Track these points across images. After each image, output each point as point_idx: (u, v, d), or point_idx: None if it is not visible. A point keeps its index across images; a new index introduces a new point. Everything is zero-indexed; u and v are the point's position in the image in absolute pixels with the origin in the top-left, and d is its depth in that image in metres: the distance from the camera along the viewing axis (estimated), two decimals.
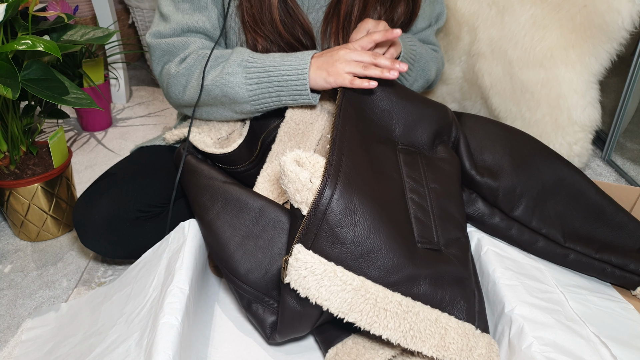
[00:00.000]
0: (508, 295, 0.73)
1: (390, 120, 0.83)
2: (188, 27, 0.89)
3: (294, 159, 0.67)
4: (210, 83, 0.85)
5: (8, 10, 0.85)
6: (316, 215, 0.64)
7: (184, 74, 0.88)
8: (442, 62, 1.14)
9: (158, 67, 0.92)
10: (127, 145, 1.50)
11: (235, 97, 0.84)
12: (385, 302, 0.64)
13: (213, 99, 0.86)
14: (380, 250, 0.65)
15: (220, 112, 0.89)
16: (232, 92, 0.84)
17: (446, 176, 0.82)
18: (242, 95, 0.84)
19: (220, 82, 0.84)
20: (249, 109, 0.86)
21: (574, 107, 1.07)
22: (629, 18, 0.97)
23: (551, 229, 0.84)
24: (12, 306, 0.92)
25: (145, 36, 0.92)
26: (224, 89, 0.84)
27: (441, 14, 1.09)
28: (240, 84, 0.83)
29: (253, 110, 0.87)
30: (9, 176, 1.02)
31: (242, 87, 0.83)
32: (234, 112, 0.88)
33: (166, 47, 0.89)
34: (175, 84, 0.89)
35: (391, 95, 0.84)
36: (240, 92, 0.83)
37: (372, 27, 0.87)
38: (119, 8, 2.02)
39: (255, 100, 0.84)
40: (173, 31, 0.89)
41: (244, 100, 0.84)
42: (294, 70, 0.81)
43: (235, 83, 0.83)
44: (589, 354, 0.66)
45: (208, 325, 0.82)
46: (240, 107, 0.86)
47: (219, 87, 0.84)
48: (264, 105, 0.85)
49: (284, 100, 0.84)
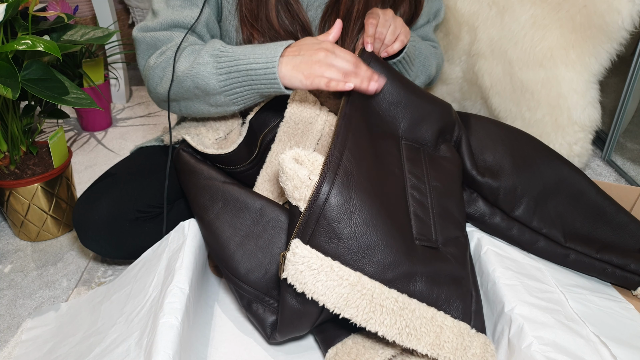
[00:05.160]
0: (508, 295, 0.73)
1: (396, 114, 0.83)
2: (176, 22, 0.87)
3: (293, 157, 0.67)
4: (182, 74, 0.82)
5: (8, 10, 0.85)
6: (314, 210, 0.64)
7: (161, 66, 0.85)
8: (442, 57, 1.14)
9: (142, 62, 0.90)
10: (127, 145, 1.50)
11: (206, 88, 0.81)
12: (381, 298, 0.64)
13: (186, 91, 0.83)
14: (377, 246, 0.66)
15: (197, 106, 0.86)
16: (203, 82, 0.81)
17: (448, 175, 0.82)
18: (213, 86, 0.80)
19: (191, 72, 0.81)
20: (223, 100, 0.82)
21: (574, 107, 1.07)
22: (629, 18, 0.97)
23: (552, 229, 0.84)
24: (12, 306, 0.92)
25: (133, 30, 0.90)
26: (195, 79, 0.81)
27: (439, 10, 1.09)
28: (210, 74, 0.80)
29: (229, 102, 0.83)
30: (9, 176, 1.02)
31: (212, 78, 0.80)
32: (210, 105, 0.85)
33: (151, 40, 0.87)
34: (153, 76, 0.87)
35: (399, 89, 0.83)
36: (211, 83, 0.80)
37: (381, 14, 0.86)
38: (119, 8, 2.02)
39: (227, 90, 0.81)
40: (160, 25, 0.88)
41: (215, 91, 0.81)
42: (263, 58, 0.77)
43: (205, 73, 0.80)
44: (589, 354, 0.66)
45: (208, 325, 0.82)
46: (214, 99, 0.83)
47: (189, 77, 0.81)
48: (237, 95, 0.81)
49: (257, 90, 0.80)
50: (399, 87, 0.83)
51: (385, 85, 0.81)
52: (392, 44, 0.87)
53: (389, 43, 0.86)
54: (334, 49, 0.77)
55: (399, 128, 0.83)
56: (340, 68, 0.75)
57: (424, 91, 0.87)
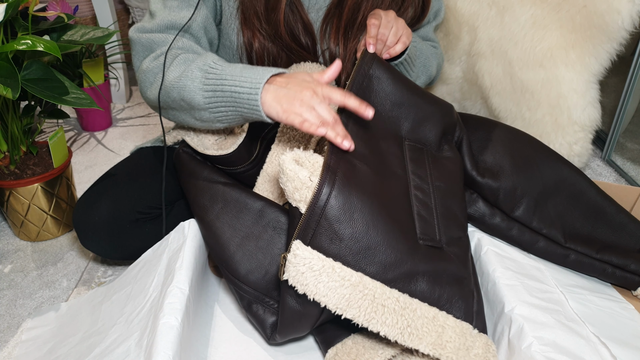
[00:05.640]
0: (508, 295, 0.73)
1: (399, 115, 0.83)
2: (172, 23, 0.86)
3: (293, 158, 0.67)
4: (170, 84, 0.80)
5: (8, 10, 0.85)
6: (315, 211, 0.64)
7: (153, 71, 0.84)
8: (442, 57, 1.14)
9: (137, 63, 0.89)
10: (127, 145, 1.50)
11: (192, 102, 0.79)
12: (383, 298, 0.64)
13: (173, 101, 0.82)
14: (378, 246, 0.66)
15: (183, 117, 0.84)
16: (189, 96, 0.79)
17: (451, 175, 0.82)
18: (198, 101, 0.79)
19: (179, 84, 0.79)
20: (207, 116, 0.80)
21: (574, 107, 1.07)
22: (629, 18, 0.97)
23: (552, 229, 0.84)
24: (12, 306, 0.92)
25: (129, 31, 0.90)
26: (181, 91, 0.79)
27: (439, 10, 1.09)
28: (197, 89, 0.78)
29: (213, 119, 0.80)
30: (9, 176, 1.02)
31: (198, 93, 0.78)
32: (195, 120, 0.83)
33: (146, 42, 0.86)
34: (144, 80, 0.86)
35: (402, 89, 0.83)
36: (196, 98, 0.78)
37: (383, 15, 0.86)
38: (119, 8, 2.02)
39: (212, 108, 0.79)
40: (156, 27, 0.87)
41: (200, 107, 0.79)
42: (248, 83, 0.75)
43: (192, 87, 0.78)
44: (588, 354, 0.66)
45: (208, 325, 0.82)
46: (200, 114, 0.80)
47: (176, 89, 0.80)
48: (221, 114, 0.79)
49: (239, 112, 0.77)
50: (401, 88, 0.83)
51: (388, 86, 0.82)
52: (394, 45, 0.87)
53: (391, 44, 0.86)
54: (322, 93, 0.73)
55: (401, 129, 0.83)
56: (320, 115, 0.72)
57: (426, 92, 0.87)
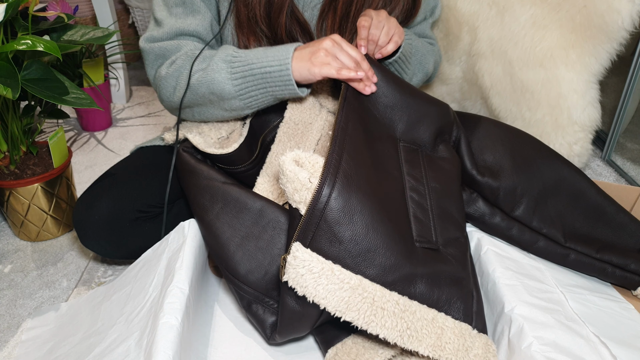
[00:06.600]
0: (508, 295, 0.73)
1: (392, 117, 0.83)
2: (181, 30, 0.89)
3: (293, 158, 0.67)
4: (197, 81, 0.83)
5: (8, 10, 0.85)
6: (314, 213, 0.64)
7: (173, 75, 0.87)
8: (440, 54, 1.14)
9: (152, 72, 0.92)
10: (127, 145, 1.50)
11: (222, 93, 0.82)
12: (382, 301, 0.64)
13: (201, 97, 0.85)
14: (378, 249, 0.65)
15: (211, 111, 0.88)
16: (218, 88, 0.82)
17: (447, 175, 0.82)
18: (228, 91, 0.82)
19: (206, 79, 0.82)
20: (238, 104, 0.84)
21: (574, 107, 1.07)
22: (629, 18, 0.97)
23: (552, 229, 0.84)
24: (12, 306, 0.92)
25: (139, 41, 0.92)
26: (210, 86, 0.82)
27: (435, 6, 1.09)
28: (225, 79, 0.81)
29: (243, 106, 0.84)
30: (9, 176, 1.02)
31: (227, 83, 0.81)
32: (224, 110, 0.86)
33: (159, 50, 0.89)
34: (166, 86, 0.88)
35: (394, 91, 0.83)
36: (226, 88, 0.82)
37: (374, 15, 0.86)
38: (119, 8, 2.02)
39: (242, 94, 0.82)
40: (166, 35, 0.89)
41: (230, 95, 0.82)
42: (276, 61, 0.78)
43: (220, 79, 0.81)
44: (588, 354, 0.66)
45: (208, 325, 0.82)
46: (229, 103, 0.84)
47: (204, 84, 0.83)
48: (252, 99, 0.83)
49: (271, 92, 0.82)
50: (394, 89, 0.83)
51: (380, 88, 0.82)
52: (386, 45, 0.86)
53: (383, 44, 0.86)
54: (341, 41, 0.79)
55: (396, 130, 0.83)
56: (349, 55, 0.77)
57: (421, 92, 0.87)
